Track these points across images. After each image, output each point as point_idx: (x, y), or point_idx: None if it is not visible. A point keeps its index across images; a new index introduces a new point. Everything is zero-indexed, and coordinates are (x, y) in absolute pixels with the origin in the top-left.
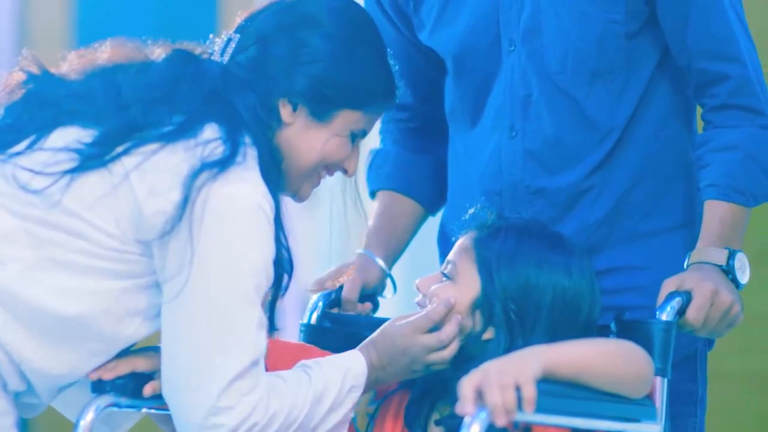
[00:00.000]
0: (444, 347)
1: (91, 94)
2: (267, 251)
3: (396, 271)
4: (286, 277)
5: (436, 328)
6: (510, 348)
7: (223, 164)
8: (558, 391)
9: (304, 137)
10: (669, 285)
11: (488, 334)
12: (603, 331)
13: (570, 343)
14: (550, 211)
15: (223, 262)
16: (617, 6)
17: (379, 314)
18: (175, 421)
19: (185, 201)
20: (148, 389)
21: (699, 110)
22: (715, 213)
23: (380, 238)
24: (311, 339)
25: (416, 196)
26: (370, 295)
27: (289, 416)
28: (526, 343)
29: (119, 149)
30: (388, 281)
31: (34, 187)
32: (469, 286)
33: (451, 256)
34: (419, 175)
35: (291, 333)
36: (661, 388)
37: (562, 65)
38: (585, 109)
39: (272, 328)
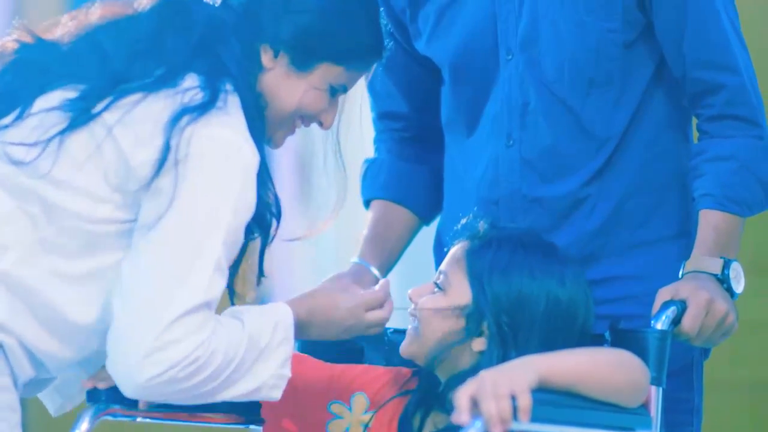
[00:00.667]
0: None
1: (78, 54)
2: (245, 196)
3: (391, 279)
4: (274, 223)
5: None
6: (503, 360)
7: (203, 108)
8: (553, 400)
9: (282, 84)
10: (664, 294)
11: (479, 345)
12: (597, 340)
13: (565, 353)
14: (547, 220)
15: (201, 200)
16: (614, 15)
17: None
18: (116, 353)
19: (167, 144)
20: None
21: (694, 120)
22: (710, 222)
23: (375, 247)
24: (306, 349)
25: (411, 205)
26: None
27: (227, 355)
28: (520, 354)
29: (103, 103)
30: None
31: (24, 159)
32: (460, 297)
33: (443, 266)
34: (414, 184)
35: None
36: (656, 397)
37: (560, 74)
38: (582, 118)
39: (261, 274)
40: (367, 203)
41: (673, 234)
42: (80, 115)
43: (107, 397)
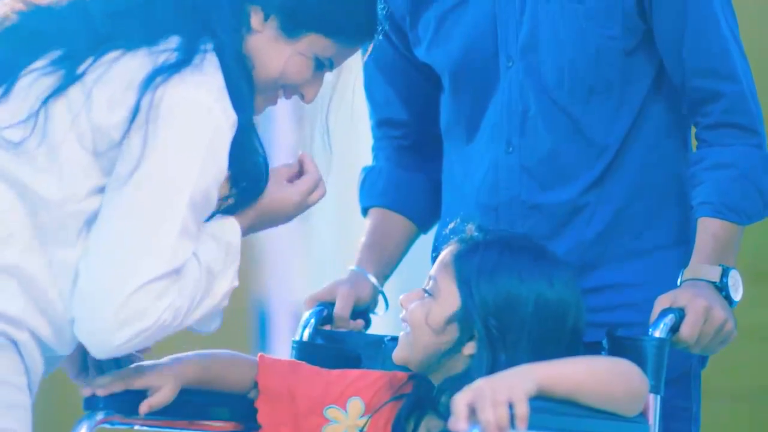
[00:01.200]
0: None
1: (64, 17)
2: (214, 158)
3: (388, 287)
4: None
5: None
6: (493, 364)
7: (175, 68)
8: (551, 408)
9: (268, 49)
10: (662, 302)
11: (470, 350)
12: (595, 348)
13: (564, 361)
14: (546, 226)
15: (167, 162)
16: (614, 22)
17: (371, 331)
18: (83, 319)
19: (138, 103)
20: (144, 407)
21: (693, 128)
22: (709, 230)
23: (372, 254)
24: (303, 356)
25: (409, 213)
26: (362, 311)
27: (192, 301)
28: (510, 358)
29: (87, 63)
30: (380, 298)
31: (14, 139)
32: (449, 302)
33: (432, 271)
34: (412, 192)
35: (284, 350)
36: (654, 405)
37: (560, 81)
38: (581, 125)
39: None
40: (365, 211)
41: (671, 242)
42: (67, 75)
43: (105, 405)
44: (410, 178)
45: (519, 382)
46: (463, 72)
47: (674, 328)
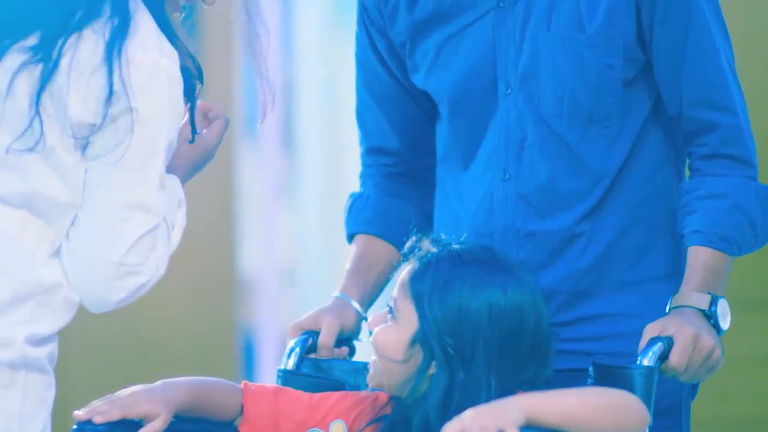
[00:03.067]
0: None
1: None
2: (175, 107)
3: (372, 314)
4: (198, 85)
5: None
6: (451, 382)
7: (119, 37)
8: None
9: None
10: (651, 330)
11: (432, 370)
12: (581, 376)
13: (557, 393)
14: (540, 255)
15: (138, 128)
16: (615, 52)
17: (355, 359)
18: (78, 279)
19: (109, 80)
20: None
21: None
22: (699, 258)
23: (357, 281)
24: (289, 384)
25: (395, 241)
26: (347, 339)
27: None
28: (468, 374)
29: (57, 47)
30: (364, 324)
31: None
32: (409, 323)
33: (393, 292)
34: (399, 220)
35: (271, 377)
36: None
37: (558, 109)
38: (578, 154)
39: (194, 131)
40: (350, 237)
41: (665, 273)
42: (46, 65)
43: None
44: (398, 205)
45: (508, 411)
46: (462, 99)
47: (663, 356)
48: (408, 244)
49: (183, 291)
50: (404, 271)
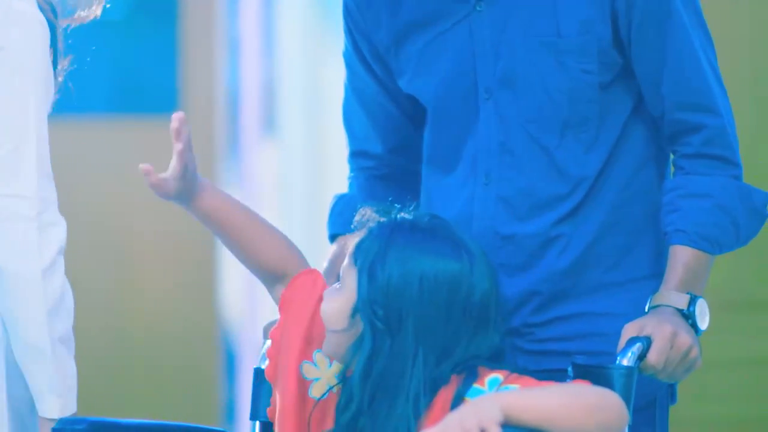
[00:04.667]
0: None
1: None
2: (45, 63)
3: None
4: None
5: None
6: (377, 350)
7: None
8: None
9: None
10: (629, 330)
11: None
12: (560, 376)
13: (537, 391)
14: (519, 257)
15: (12, 93)
16: (590, 56)
17: None
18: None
19: None
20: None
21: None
22: (680, 258)
23: (331, 280)
24: (264, 384)
25: None
26: None
27: None
28: (395, 343)
29: None
30: None
31: None
32: (351, 292)
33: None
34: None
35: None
36: None
37: (535, 114)
38: (556, 158)
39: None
40: (331, 238)
41: (646, 274)
42: None
43: None
44: None
45: (486, 410)
46: (444, 103)
47: (641, 356)
48: (359, 216)
49: (166, 288)
50: (352, 241)
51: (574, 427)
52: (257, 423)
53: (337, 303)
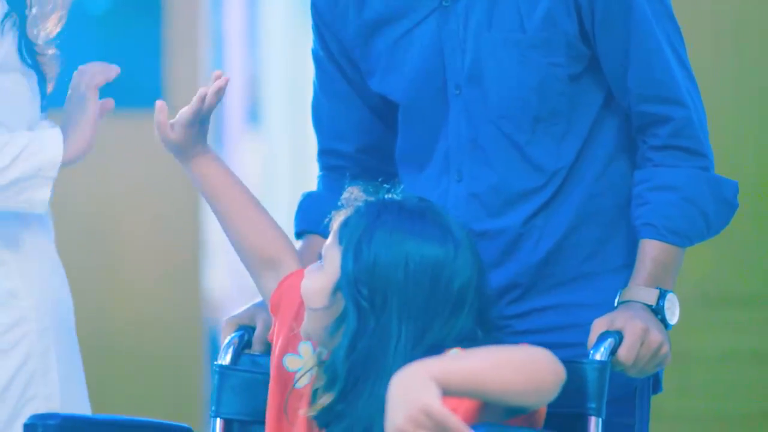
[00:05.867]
0: None
1: None
2: None
3: None
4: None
5: None
6: (360, 329)
7: None
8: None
9: None
10: (599, 325)
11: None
12: None
13: (466, 355)
14: (494, 252)
15: None
16: (557, 50)
17: None
18: None
19: None
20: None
21: None
22: (649, 252)
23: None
24: (226, 380)
25: None
26: None
27: None
28: (379, 322)
29: None
30: None
31: None
32: (333, 270)
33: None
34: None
35: None
36: (595, 427)
37: (505, 110)
38: (528, 153)
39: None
40: (298, 235)
41: (621, 264)
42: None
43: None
44: None
45: (416, 389)
46: (415, 101)
47: (613, 351)
48: (346, 194)
49: (151, 282)
50: (336, 219)
51: (503, 386)
52: (218, 420)
53: (319, 281)
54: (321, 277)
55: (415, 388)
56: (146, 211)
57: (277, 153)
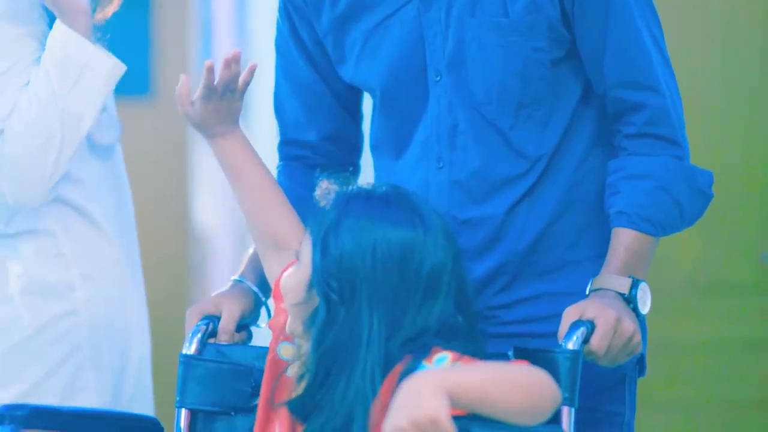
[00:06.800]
0: None
1: None
2: None
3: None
4: None
5: None
6: (331, 320)
7: None
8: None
9: None
10: (571, 313)
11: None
12: (501, 359)
13: (472, 368)
14: (478, 240)
15: None
16: (540, 34)
17: (253, 343)
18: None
19: None
20: None
21: None
22: (622, 241)
23: (257, 267)
24: (191, 370)
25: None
26: (245, 324)
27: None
28: (349, 312)
29: None
30: (263, 310)
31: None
32: (307, 264)
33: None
34: (309, 210)
35: None
36: (569, 417)
37: (488, 96)
38: (511, 139)
39: None
40: None
41: (603, 252)
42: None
43: (11, 420)
44: (309, 196)
45: (426, 399)
46: (393, 88)
47: (585, 340)
48: (318, 190)
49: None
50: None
51: (507, 404)
52: (183, 411)
53: (295, 276)
54: (296, 273)
55: (426, 396)
56: (135, 197)
57: (264, 141)
